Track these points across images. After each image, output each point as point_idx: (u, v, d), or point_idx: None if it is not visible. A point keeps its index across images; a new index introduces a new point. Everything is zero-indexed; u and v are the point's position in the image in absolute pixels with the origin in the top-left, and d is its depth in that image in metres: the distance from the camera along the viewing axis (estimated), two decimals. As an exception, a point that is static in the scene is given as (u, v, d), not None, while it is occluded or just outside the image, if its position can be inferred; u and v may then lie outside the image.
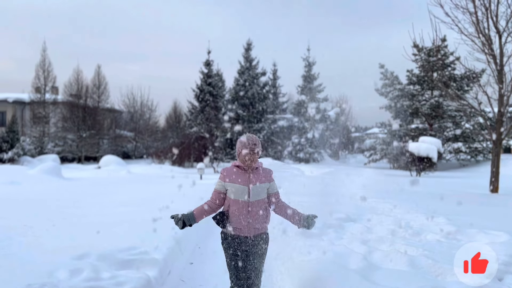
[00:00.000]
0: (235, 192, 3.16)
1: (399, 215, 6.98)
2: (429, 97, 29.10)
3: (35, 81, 35.28)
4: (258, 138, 3.25)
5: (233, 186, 3.16)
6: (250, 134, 3.23)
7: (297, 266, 4.33)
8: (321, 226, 5.88)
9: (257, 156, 3.20)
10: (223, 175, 3.20)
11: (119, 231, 5.51)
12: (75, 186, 12.52)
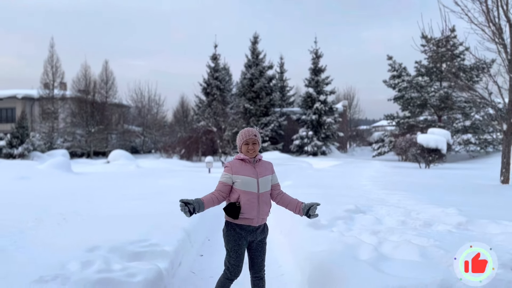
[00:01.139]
0: (246, 184, 3.25)
1: (409, 206, 6.93)
2: (438, 88, 28.82)
3: (43, 77, 35.62)
4: (257, 130, 3.39)
5: (242, 178, 3.25)
6: (249, 127, 3.36)
7: (307, 257, 4.32)
8: (331, 218, 5.86)
9: (257, 147, 3.34)
10: (229, 168, 3.28)
11: (129, 224, 5.55)
12: (85, 180, 12.62)
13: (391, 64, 30.59)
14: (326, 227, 5.47)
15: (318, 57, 37.58)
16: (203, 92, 38.50)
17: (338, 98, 48.27)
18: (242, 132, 3.35)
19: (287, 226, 5.99)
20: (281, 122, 37.79)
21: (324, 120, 35.79)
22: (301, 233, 5.20)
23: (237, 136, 3.37)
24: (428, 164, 18.47)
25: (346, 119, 42.26)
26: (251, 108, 36.43)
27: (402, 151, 26.28)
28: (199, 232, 6.31)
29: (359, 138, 50.17)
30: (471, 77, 27.43)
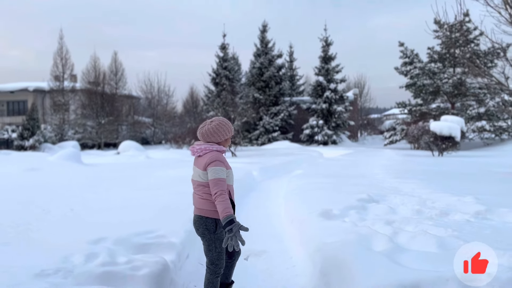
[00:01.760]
0: (231, 178, 3.17)
1: (424, 195, 6.71)
2: (451, 75, 28.22)
3: (53, 69, 35.75)
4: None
5: (230, 172, 3.17)
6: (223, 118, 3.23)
7: (318, 248, 4.16)
8: (343, 207, 5.68)
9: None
10: (222, 162, 3.06)
11: (136, 215, 5.44)
12: (94, 171, 12.58)
13: (402, 50, 29.98)
14: (338, 217, 5.30)
15: (328, 44, 37.03)
16: (212, 82, 38.29)
17: (349, 86, 47.70)
18: (229, 125, 3.20)
19: (298, 216, 5.83)
20: (291, 111, 37.47)
21: (335, 109, 35.38)
22: (313, 224, 5.04)
23: (224, 128, 3.15)
24: (441, 152, 18.11)
25: (356, 108, 41.76)
26: (260, 97, 36.16)
27: (414, 139, 25.87)
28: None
29: (370, 126, 49.61)
30: (485, 62, 26.77)
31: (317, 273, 3.89)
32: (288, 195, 7.56)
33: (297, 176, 10.31)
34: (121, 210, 5.82)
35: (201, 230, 3.07)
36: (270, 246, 5.43)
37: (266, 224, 6.71)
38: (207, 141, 3.14)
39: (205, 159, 3.03)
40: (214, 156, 3.02)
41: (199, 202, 3.09)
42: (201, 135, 3.16)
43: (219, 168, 2.99)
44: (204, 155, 3.07)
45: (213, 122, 3.17)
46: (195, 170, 3.16)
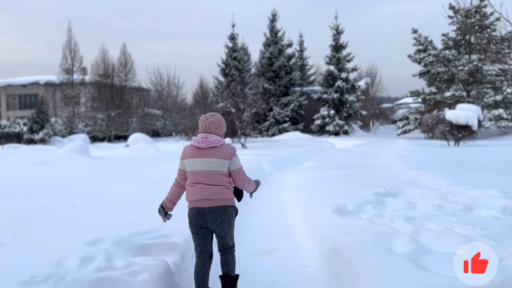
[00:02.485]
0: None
1: (444, 188, 6.33)
2: (466, 62, 27.42)
3: (62, 61, 35.70)
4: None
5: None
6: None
7: (333, 248, 3.84)
8: (358, 202, 5.34)
9: None
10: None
11: (139, 211, 5.17)
12: (102, 165, 12.41)
13: (416, 37, 29.18)
14: (354, 213, 4.96)
15: (339, 33, 36.28)
16: (221, 73, 37.90)
17: (360, 75, 46.89)
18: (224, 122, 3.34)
19: (310, 212, 5.50)
20: (301, 101, 36.94)
21: (346, 99, 34.76)
22: (326, 221, 4.71)
23: (224, 123, 3.30)
24: (458, 142, 17.57)
25: (368, 97, 41.04)
26: (270, 88, 35.68)
27: (429, 129, 25.30)
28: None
29: (382, 116, 48.83)
30: (502, 48, 25.91)
31: (332, 276, 3.58)
32: (299, 189, 7.23)
33: (308, 168, 9.98)
34: (124, 206, 5.56)
35: (226, 220, 3.13)
36: (282, 243, 5.13)
37: (277, 219, 6.41)
38: (212, 133, 3.18)
39: (226, 149, 3.14)
40: (233, 147, 3.23)
41: (223, 193, 3.12)
42: (207, 126, 3.19)
43: (238, 157, 3.24)
44: (220, 146, 3.13)
45: (216, 116, 3.25)
46: (209, 161, 3.10)
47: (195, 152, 3.16)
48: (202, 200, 3.09)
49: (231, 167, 3.16)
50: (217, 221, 3.10)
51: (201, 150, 3.14)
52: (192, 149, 3.19)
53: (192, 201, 3.16)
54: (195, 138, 3.20)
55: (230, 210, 3.15)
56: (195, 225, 3.17)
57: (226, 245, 3.21)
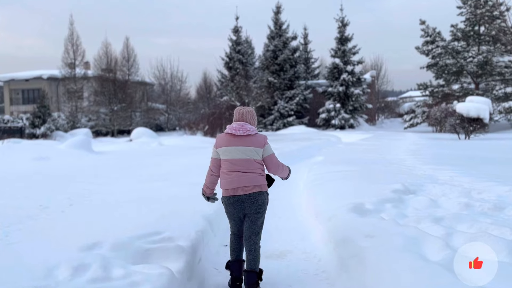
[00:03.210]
0: None
1: (466, 184, 5.92)
2: (476, 53, 26.83)
3: (64, 55, 35.26)
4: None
5: None
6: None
7: (355, 254, 3.45)
8: (377, 200, 4.95)
9: None
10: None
11: (141, 211, 4.80)
12: (103, 160, 12.06)
13: (424, 29, 28.56)
14: (373, 212, 4.57)
15: (344, 25, 35.66)
16: (225, 66, 37.44)
17: (365, 68, 46.23)
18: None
19: (325, 211, 5.11)
20: (306, 95, 36.43)
21: (352, 92, 34.22)
22: (344, 221, 4.32)
23: (256, 116, 3.51)
24: (468, 135, 17.09)
25: (374, 90, 40.45)
26: (275, 81, 35.18)
27: (437, 122, 24.82)
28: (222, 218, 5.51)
29: (388, 110, 48.18)
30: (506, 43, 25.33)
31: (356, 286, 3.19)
32: (311, 185, 6.84)
33: (317, 163, 9.58)
34: (125, 205, 5.19)
35: (263, 206, 3.32)
36: (294, 245, 4.76)
37: (287, 217, 6.03)
38: (247, 122, 3.37)
39: (260, 138, 3.33)
40: (265, 136, 3.40)
41: (258, 179, 3.29)
42: (244, 114, 3.38)
43: (270, 146, 3.43)
44: (255, 135, 3.32)
45: (250, 108, 3.48)
46: (244, 150, 3.24)
47: (230, 140, 3.27)
48: (240, 188, 3.22)
49: (264, 154, 3.33)
50: (254, 206, 3.26)
51: (237, 138, 3.27)
52: (227, 137, 3.30)
53: (228, 189, 3.27)
54: (231, 125, 3.31)
55: (265, 196, 3.34)
56: (231, 212, 3.36)
57: (255, 234, 3.34)
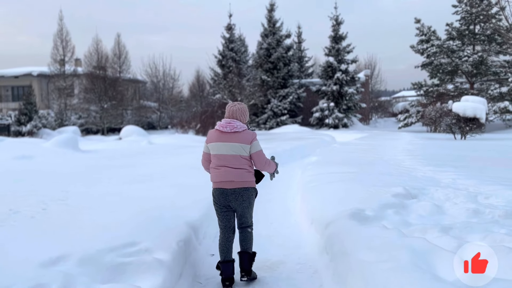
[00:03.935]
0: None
1: (471, 187, 5.55)
2: (471, 53, 26.60)
3: (53, 51, 34.43)
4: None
5: None
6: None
7: (357, 270, 3.05)
8: (377, 206, 4.55)
9: None
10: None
11: (119, 217, 4.35)
12: (89, 159, 11.57)
13: (419, 28, 28.26)
14: (374, 219, 4.17)
15: (338, 24, 35.29)
16: (218, 64, 36.95)
17: (359, 67, 45.94)
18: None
19: (320, 215, 4.71)
20: (300, 94, 36.04)
21: (346, 91, 33.88)
22: (341, 229, 3.91)
23: (247, 112, 3.57)
24: (464, 135, 16.81)
25: (368, 90, 40.19)
26: (268, 79, 34.74)
27: (432, 122, 24.55)
28: (210, 223, 5.10)
29: (381, 109, 47.98)
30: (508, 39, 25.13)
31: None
32: (305, 188, 6.43)
33: (312, 163, 9.18)
34: (103, 210, 4.74)
35: (247, 200, 3.47)
36: (288, 254, 4.35)
37: (280, 223, 5.63)
38: (237, 119, 3.45)
39: (247, 135, 3.42)
40: (254, 133, 3.49)
41: (245, 176, 3.42)
42: (233, 112, 3.46)
43: (258, 142, 3.52)
44: (242, 131, 3.40)
45: (242, 105, 3.54)
46: (231, 146, 3.37)
47: (218, 136, 3.41)
48: (225, 182, 3.39)
49: (251, 151, 3.43)
50: (238, 201, 3.42)
51: (225, 134, 3.39)
52: (216, 134, 3.43)
53: (216, 182, 3.44)
54: (220, 122, 3.42)
55: (251, 191, 3.48)
56: (219, 204, 3.47)
57: (245, 223, 3.54)
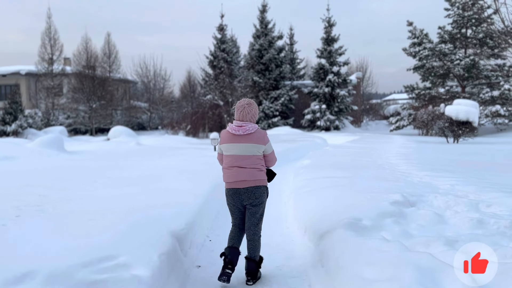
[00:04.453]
0: None
1: (471, 195, 5.31)
2: (462, 56, 26.61)
3: (41, 50, 33.75)
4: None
5: None
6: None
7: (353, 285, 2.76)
8: (375, 214, 4.27)
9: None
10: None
11: (96, 226, 4.01)
12: (73, 160, 11.16)
13: (411, 30, 28.23)
14: (372, 229, 3.89)
15: (330, 25, 35.16)
16: (209, 65, 36.60)
17: (351, 70, 45.91)
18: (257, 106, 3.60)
19: (314, 224, 4.42)
20: (291, 95, 35.83)
21: (338, 93, 33.75)
22: (338, 241, 3.63)
23: (257, 111, 3.57)
24: (457, 139, 16.69)
25: (359, 92, 40.14)
26: (260, 81, 34.47)
27: (424, 125, 24.50)
28: (196, 232, 4.78)
29: (373, 112, 47.97)
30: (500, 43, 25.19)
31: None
32: (297, 193, 6.14)
33: (304, 167, 8.90)
34: (79, 218, 4.39)
35: (260, 199, 3.52)
36: (280, 266, 4.05)
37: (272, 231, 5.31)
38: (248, 121, 3.47)
39: (260, 135, 3.48)
40: (265, 132, 3.54)
41: (257, 174, 3.49)
42: (244, 116, 3.46)
43: (271, 142, 3.62)
44: (255, 132, 3.46)
45: (251, 106, 3.51)
46: (245, 147, 3.43)
47: (231, 137, 3.46)
48: (238, 182, 3.45)
49: (266, 151, 3.56)
50: (251, 199, 3.48)
51: (238, 136, 3.44)
52: (228, 135, 3.49)
53: (229, 182, 3.51)
54: (231, 125, 3.46)
55: (262, 189, 3.54)
56: (233, 204, 3.55)
57: (254, 225, 3.55)
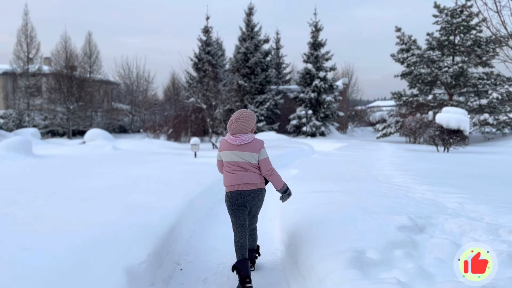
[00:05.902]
0: None
1: (486, 216, 4.60)
2: (450, 64, 26.34)
3: (17, 48, 32.28)
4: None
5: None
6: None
7: None
8: (382, 245, 3.51)
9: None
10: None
11: (34, 261, 3.13)
12: (40, 167, 10.17)
13: (399, 36, 27.88)
14: (380, 265, 3.13)
15: (317, 30, 34.70)
16: (194, 67, 35.73)
17: (337, 76, 45.59)
18: (253, 115, 3.96)
19: (311, 261, 3.63)
20: (277, 100, 35.18)
21: (324, 99, 33.23)
22: (342, 285, 2.85)
23: (252, 119, 3.90)
24: (448, 147, 16.18)
25: (345, 98, 39.76)
26: (245, 85, 33.70)
27: (412, 132, 24.08)
28: (164, 260, 3.94)
29: (358, 118, 47.72)
30: (488, 51, 25.01)
31: None
32: (284, 214, 5.34)
33: (292, 178, 8.12)
34: (16, 245, 3.49)
35: (261, 200, 3.90)
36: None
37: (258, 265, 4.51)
38: (242, 133, 3.79)
39: (256, 143, 3.83)
40: (262, 141, 3.91)
41: (257, 178, 3.81)
42: (235, 130, 3.78)
43: (265, 150, 3.95)
44: (251, 141, 3.81)
45: (241, 119, 3.81)
46: (241, 154, 3.75)
47: (229, 146, 3.79)
48: (242, 184, 3.73)
49: (259, 157, 3.81)
50: (254, 201, 3.80)
51: (235, 145, 3.76)
52: (227, 144, 3.81)
53: (232, 185, 3.76)
54: (228, 135, 3.80)
55: (263, 192, 3.89)
56: (236, 205, 3.76)
57: (255, 222, 4.08)
